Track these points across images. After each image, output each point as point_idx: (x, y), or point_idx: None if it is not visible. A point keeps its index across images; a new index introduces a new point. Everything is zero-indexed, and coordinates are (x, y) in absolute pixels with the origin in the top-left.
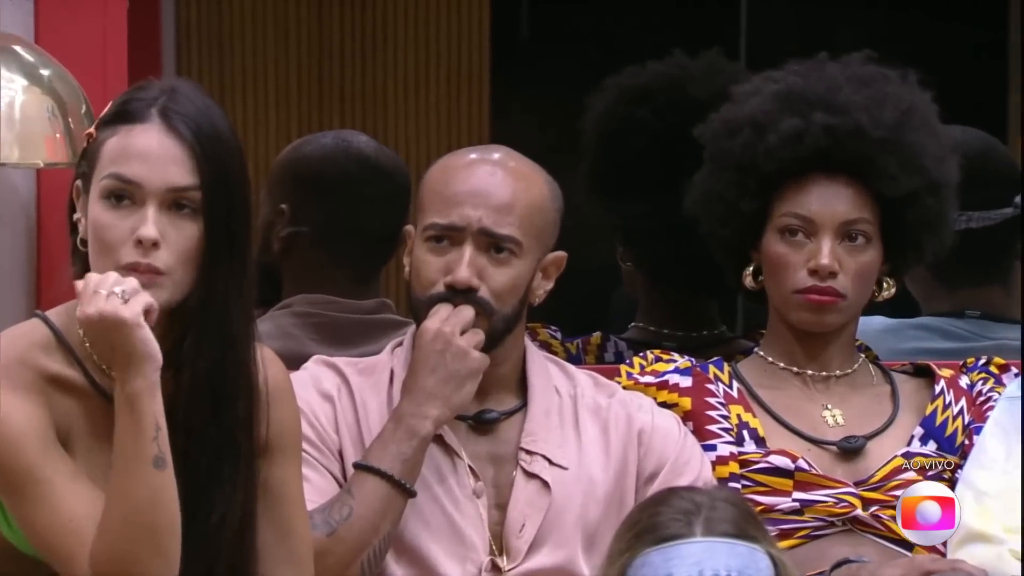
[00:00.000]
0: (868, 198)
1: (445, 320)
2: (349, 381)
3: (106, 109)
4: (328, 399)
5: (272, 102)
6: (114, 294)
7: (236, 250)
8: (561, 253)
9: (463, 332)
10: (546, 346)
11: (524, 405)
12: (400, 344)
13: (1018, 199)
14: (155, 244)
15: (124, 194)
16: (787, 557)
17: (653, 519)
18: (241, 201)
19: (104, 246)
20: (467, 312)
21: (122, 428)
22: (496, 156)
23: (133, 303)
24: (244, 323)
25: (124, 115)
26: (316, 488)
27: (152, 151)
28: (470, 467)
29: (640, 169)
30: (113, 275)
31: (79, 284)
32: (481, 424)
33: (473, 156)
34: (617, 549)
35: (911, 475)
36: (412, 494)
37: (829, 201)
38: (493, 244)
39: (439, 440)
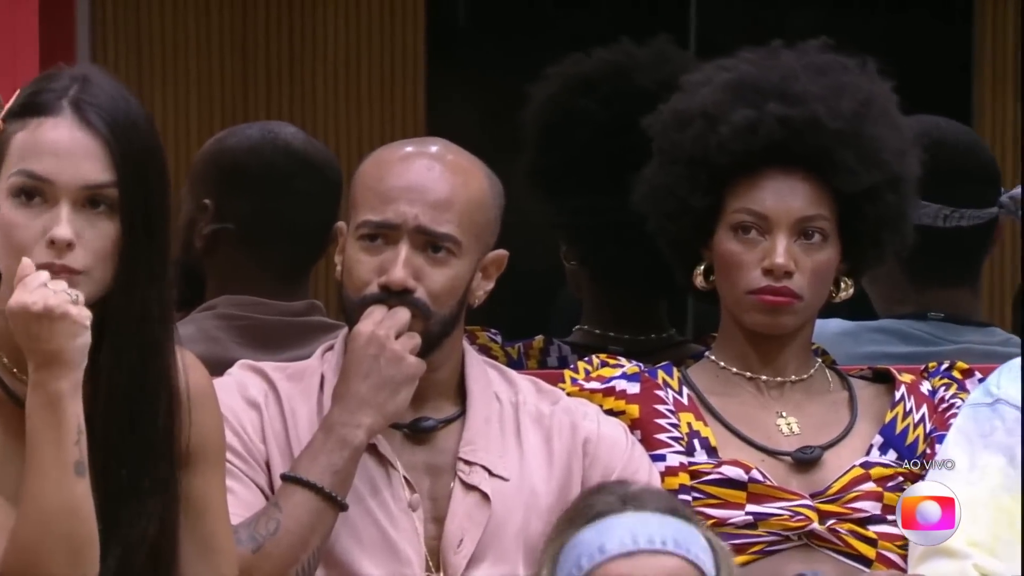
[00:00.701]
0: (825, 193)
1: (379, 323)
2: (277, 387)
3: (13, 99)
4: (254, 406)
5: (193, 92)
6: (65, 293)
7: (155, 250)
8: (502, 252)
9: (398, 336)
10: (485, 350)
11: (463, 413)
12: (331, 348)
13: (1004, 198)
14: (70, 245)
15: (35, 192)
16: (723, 544)
17: (585, 503)
18: (160, 198)
19: (14, 246)
20: (402, 314)
21: (40, 431)
22: (433, 149)
23: (83, 307)
24: (163, 327)
25: (34, 107)
26: (241, 501)
27: (64, 146)
28: (405, 478)
29: (584, 163)
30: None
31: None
32: (417, 433)
33: (409, 149)
34: (549, 540)
35: (870, 486)
36: (343, 507)
37: (784, 196)
38: (430, 243)
39: (372, 450)
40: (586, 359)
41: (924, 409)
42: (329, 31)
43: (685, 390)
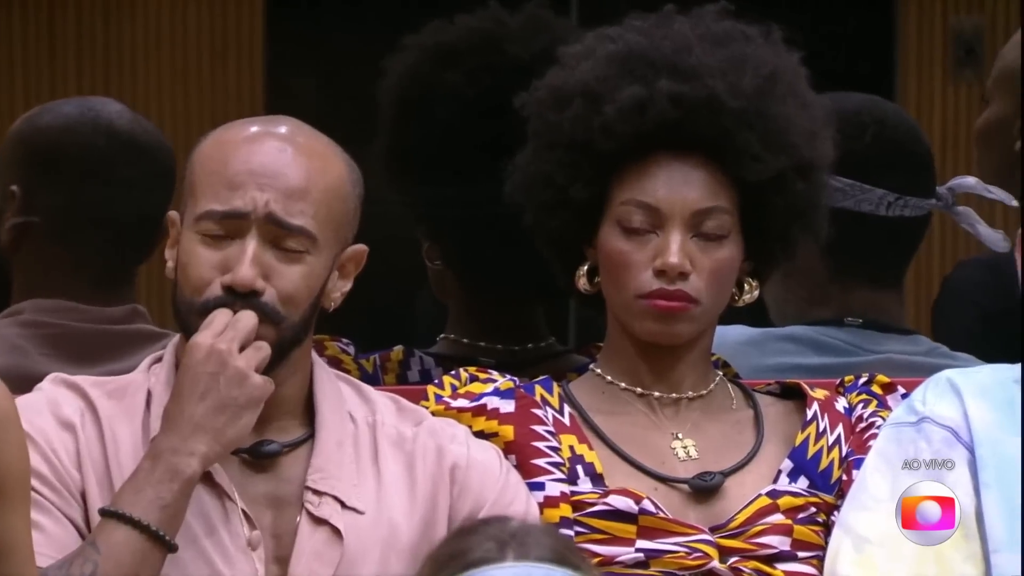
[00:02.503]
0: (725, 182)
1: (220, 333)
2: (95, 406)
3: None
4: (68, 428)
5: None
6: None
7: None
8: (361, 247)
9: (243, 347)
10: (336, 363)
11: (311, 435)
12: (159, 360)
13: (943, 190)
14: None
15: None
16: None
17: (458, 547)
18: None
19: None
20: (248, 321)
21: None
22: (283, 130)
23: None
24: None
25: None
26: (51, 539)
27: None
28: (244, 512)
29: (449, 147)
30: None
31: None
32: (258, 459)
33: (255, 129)
34: None
35: (778, 518)
36: (172, 548)
37: (678, 186)
38: (282, 236)
39: (207, 479)
40: (453, 373)
41: (840, 429)
42: None
43: (567, 408)
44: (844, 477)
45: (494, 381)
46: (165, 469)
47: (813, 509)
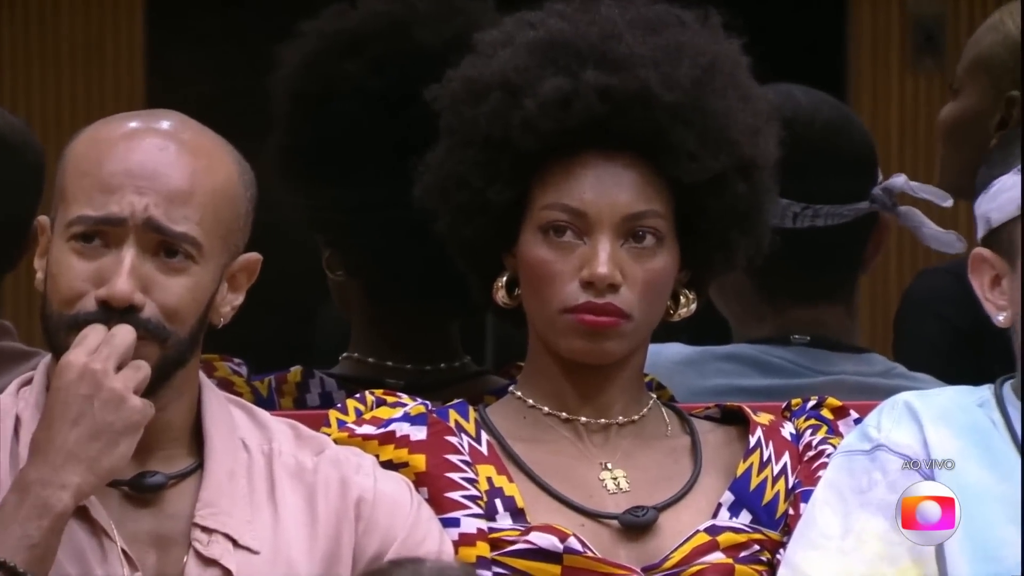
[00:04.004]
0: (659, 184)
1: (95, 351)
2: None
3: None
4: None
5: None
6: None
7: None
8: (254, 256)
9: (120, 367)
10: (227, 385)
11: (199, 466)
12: (29, 383)
13: (877, 190)
14: None
15: None
16: None
17: None
18: None
19: None
20: (125, 337)
21: None
22: (165, 125)
23: None
24: None
25: None
26: None
27: None
28: (124, 552)
29: (352, 144)
30: None
31: None
32: (140, 492)
33: (134, 125)
34: None
35: (717, 557)
36: None
37: (607, 188)
38: (164, 245)
39: (82, 514)
40: (357, 396)
41: (786, 458)
42: None
43: (484, 436)
44: (791, 511)
45: (403, 405)
46: (34, 504)
47: (756, 547)
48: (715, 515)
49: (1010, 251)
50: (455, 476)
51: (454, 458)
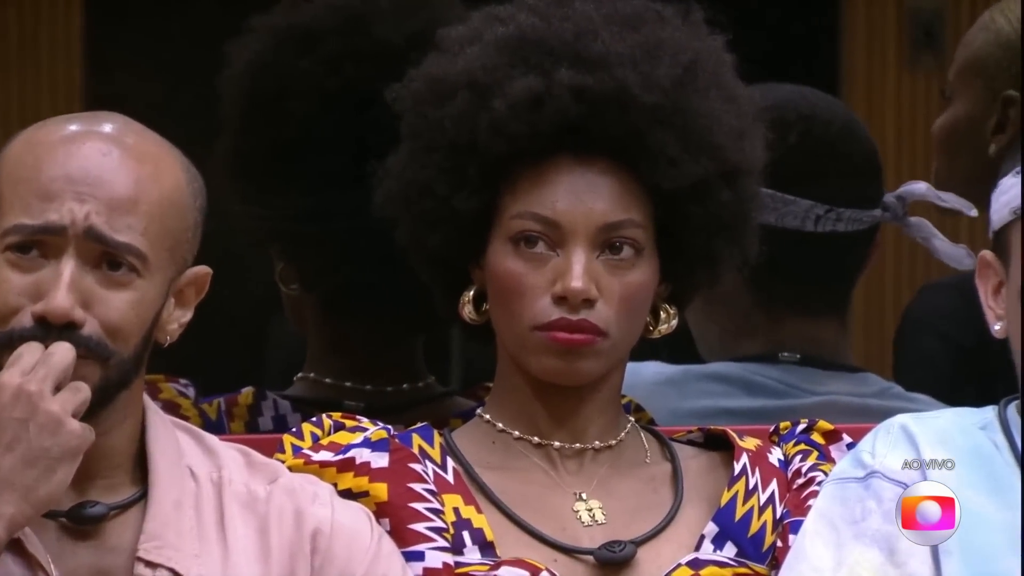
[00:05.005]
0: (638, 191)
1: (30, 371)
2: None
3: None
4: None
5: None
6: None
7: None
8: (203, 269)
9: (58, 389)
10: (173, 407)
11: (143, 495)
12: None
13: (891, 198)
14: None
15: None
16: None
17: None
18: None
19: None
20: (63, 357)
21: None
22: (108, 128)
23: None
24: None
25: None
26: None
27: None
28: None
29: (307, 148)
30: None
31: None
32: (80, 524)
33: (74, 128)
34: None
35: None
36: None
37: (582, 196)
38: (107, 257)
39: (16, 548)
40: (313, 420)
41: (773, 486)
42: None
43: (450, 462)
44: (779, 543)
45: (364, 430)
46: None
47: None
48: (698, 548)
49: (1004, 256)
50: (419, 506)
51: (418, 487)
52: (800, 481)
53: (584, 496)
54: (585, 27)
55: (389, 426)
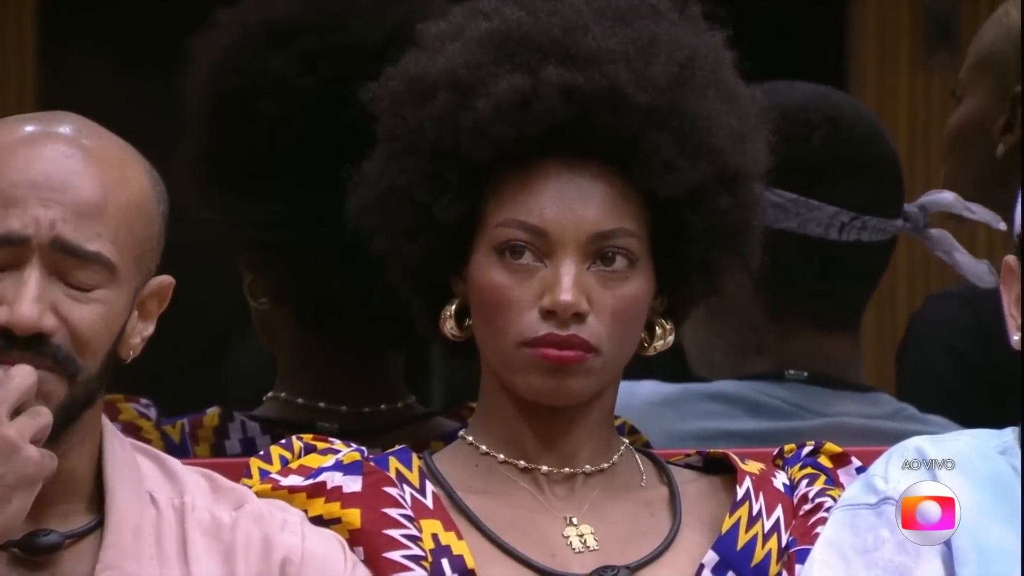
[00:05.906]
0: (631, 198)
1: None
2: None
3: None
4: None
5: None
6: None
7: None
8: (166, 279)
9: (17, 412)
10: (132, 429)
11: (100, 522)
12: None
13: (912, 208)
14: None
15: None
16: None
17: None
18: None
19: None
20: (24, 381)
21: None
22: (66, 130)
23: None
24: None
25: None
26: None
27: None
28: None
29: (277, 152)
30: None
31: None
32: (33, 553)
33: (31, 129)
34: None
35: None
36: None
37: (571, 203)
38: (72, 267)
39: None
40: (283, 442)
41: (778, 512)
42: None
43: (429, 487)
44: (784, 573)
45: (336, 452)
46: None
47: None
48: None
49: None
50: (395, 533)
51: (394, 512)
52: (807, 507)
53: (575, 521)
54: (574, 22)
55: (363, 448)
